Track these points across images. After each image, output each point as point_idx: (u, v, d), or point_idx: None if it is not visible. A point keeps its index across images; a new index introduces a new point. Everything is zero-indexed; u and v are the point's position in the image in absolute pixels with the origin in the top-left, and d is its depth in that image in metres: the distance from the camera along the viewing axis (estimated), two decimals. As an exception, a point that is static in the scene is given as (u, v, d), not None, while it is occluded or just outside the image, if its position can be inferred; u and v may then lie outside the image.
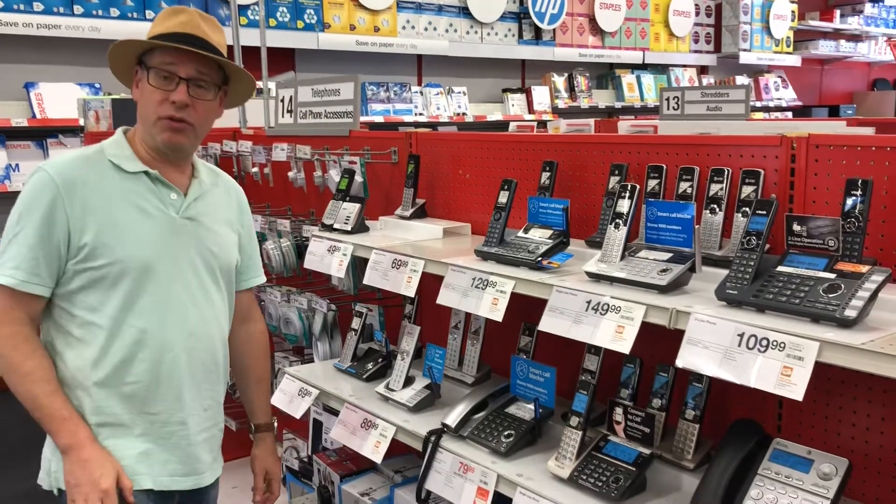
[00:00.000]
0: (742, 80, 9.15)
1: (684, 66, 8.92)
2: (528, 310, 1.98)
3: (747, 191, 1.83)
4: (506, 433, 1.98)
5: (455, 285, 2.01)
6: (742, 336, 1.45)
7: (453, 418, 2.07)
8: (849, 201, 1.54)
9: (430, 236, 2.50)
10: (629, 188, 1.83)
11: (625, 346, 1.60)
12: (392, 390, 2.33)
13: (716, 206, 1.88)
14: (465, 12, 7.00)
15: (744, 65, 9.28)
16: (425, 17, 6.79)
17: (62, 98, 5.14)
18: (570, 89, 7.98)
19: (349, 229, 2.56)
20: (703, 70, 9.28)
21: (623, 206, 1.82)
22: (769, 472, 1.55)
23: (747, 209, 1.80)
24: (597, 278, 1.78)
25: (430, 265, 2.13)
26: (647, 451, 1.79)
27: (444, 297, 2.03)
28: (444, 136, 2.88)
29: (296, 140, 3.22)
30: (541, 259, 1.91)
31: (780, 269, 1.55)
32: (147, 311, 1.82)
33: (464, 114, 7.11)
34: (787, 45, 9.62)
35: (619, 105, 8.29)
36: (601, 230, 2.10)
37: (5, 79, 5.16)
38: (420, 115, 6.82)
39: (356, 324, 2.67)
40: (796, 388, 1.36)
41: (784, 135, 1.82)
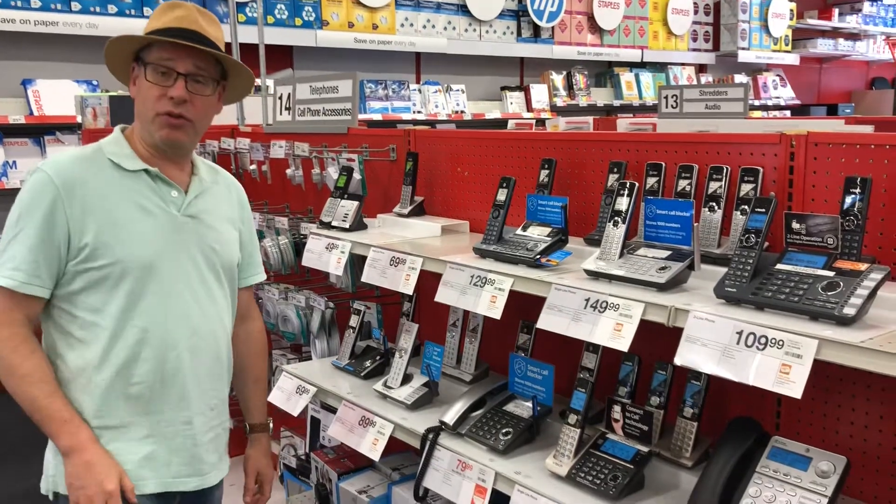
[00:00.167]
0: (740, 79, 9.15)
1: (683, 64, 8.92)
2: (526, 307, 1.97)
3: (746, 189, 1.83)
4: (504, 431, 1.97)
5: (453, 283, 2.01)
6: (741, 334, 1.45)
7: (451, 416, 2.07)
8: (848, 199, 1.54)
9: (429, 234, 2.50)
10: (628, 186, 1.82)
11: (623, 344, 1.60)
12: (390, 388, 2.33)
13: (715, 203, 1.88)
14: (463, 10, 6.99)
15: (742, 63, 9.27)
16: (424, 14, 6.78)
17: (60, 95, 5.12)
18: (569, 87, 7.98)
19: (347, 227, 2.55)
20: (701, 68, 9.28)
21: (622, 203, 1.82)
22: (767, 469, 1.55)
23: (746, 207, 1.80)
24: (595, 276, 1.78)
25: (429, 263, 2.13)
26: (645, 449, 1.79)
27: (442, 295, 2.03)
28: (443, 134, 2.88)
29: (294, 137, 3.22)
30: (539, 257, 1.91)
31: (779, 266, 1.55)
32: (150, 310, 1.80)
33: (462, 112, 7.10)
34: (786, 44, 9.62)
35: (617, 103, 8.28)
36: (600, 228, 2.09)
37: (2, 75, 5.15)
38: (418, 112, 6.81)
39: (354, 321, 2.67)
40: (795, 385, 1.36)
41: (783, 133, 1.82)
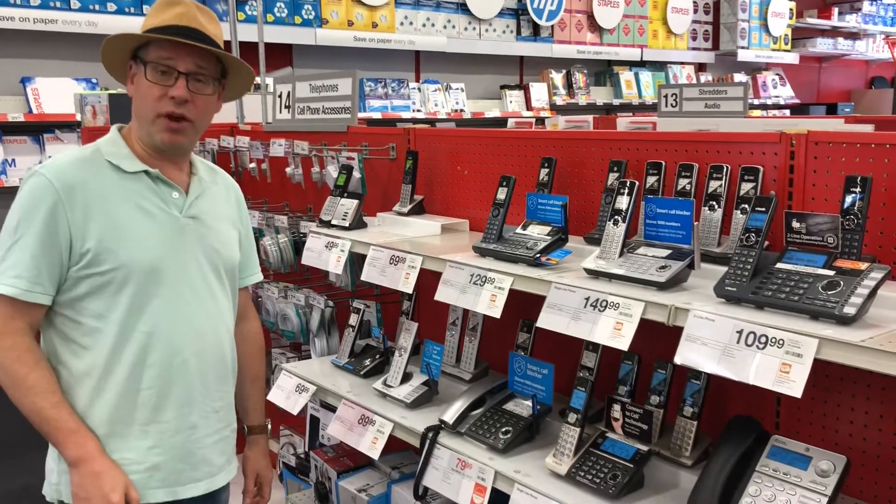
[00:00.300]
0: (740, 78, 9.14)
1: (682, 63, 8.91)
2: (526, 306, 1.97)
3: (746, 188, 1.82)
4: (503, 430, 1.97)
5: (453, 282, 2.01)
6: (741, 333, 1.44)
7: (451, 415, 2.07)
8: (848, 198, 1.54)
9: (429, 233, 2.49)
10: (628, 185, 1.82)
11: (623, 343, 1.60)
12: (390, 386, 2.33)
13: (715, 202, 1.88)
14: (463, 8, 6.98)
15: (742, 62, 9.26)
16: (423, 13, 6.78)
17: (59, 93, 5.11)
18: (568, 86, 7.97)
19: (347, 225, 2.55)
20: (700, 67, 9.27)
21: (622, 202, 1.81)
22: (767, 468, 1.55)
23: (746, 206, 1.80)
24: (595, 275, 1.78)
25: (428, 261, 2.13)
26: (644, 448, 1.79)
27: (442, 294, 2.02)
28: (443, 133, 2.87)
29: (293, 136, 3.21)
30: (539, 255, 1.91)
31: (779, 265, 1.55)
32: (155, 314, 1.76)
33: (461, 110, 7.09)
34: (785, 43, 9.61)
35: (616, 102, 8.28)
36: (600, 227, 2.09)
37: (1, 73, 5.13)
38: (418, 111, 6.80)
39: (354, 320, 2.67)
40: (795, 385, 1.36)
41: (783, 132, 1.82)
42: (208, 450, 1.87)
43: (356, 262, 2.74)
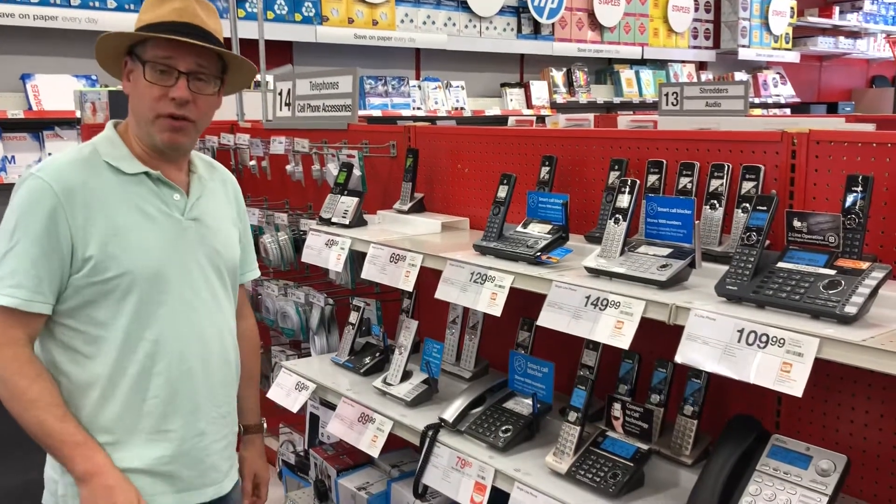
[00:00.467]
0: (741, 77, 9.14)
1: (683, 61, 8.91)
2: (526, 305, 1.97)
3: (747, 186, 1.82)
4: (504, 428, 1.97)
5: (453, 280, 2.00)
6: (742, 332, 1.44)
7: (451, 413, 2.06)
8: (849, 198, 1.54)
9: (429, 231, 2.49)
10: (629, 183, 1.82)
11: (624, 342, 1.60)
12: (389, 384, 2.33)
13: (716, 201, 1.88)
14: (463, 6, 6.97)
15: (742, 61, 9.26)
16: (424, 10, 6.77)
17: (59, 90, 5.11)
18: (569, 84, 7.97)
19: (347, 223, 2.55)
20: (701, 66, 9.27)
21: (623, 201, 1.81)
22: (767, 468, 1.55)
23: (747, 205, 1.79)
24: (596, 273, 1.78)
25: (429, 259, 2.13)
26: (645, 447, 1.78)
27: (442, 292, 2.02)
28: (443, 130, 2.87)
29: (294, 133, 3.21)
30: (540, 254, 1.91)
31: (781, 265, 1.55)
32: (160, 322, 1.71)
33: (462, 108, 7.09)
34: (786, 42, 9.61)
35: (617, 100, 8.27)
36: (601, 225, 2.09)
37: (1, 70, 5.13)
38: (418, 109, 6.80)
39: (354, 318, 2.66)
40: (796, 384, 1.35)
41: (785, 131, 1.81)
42: (216, 456, 1.84)
43: (356, 259, 2.74)
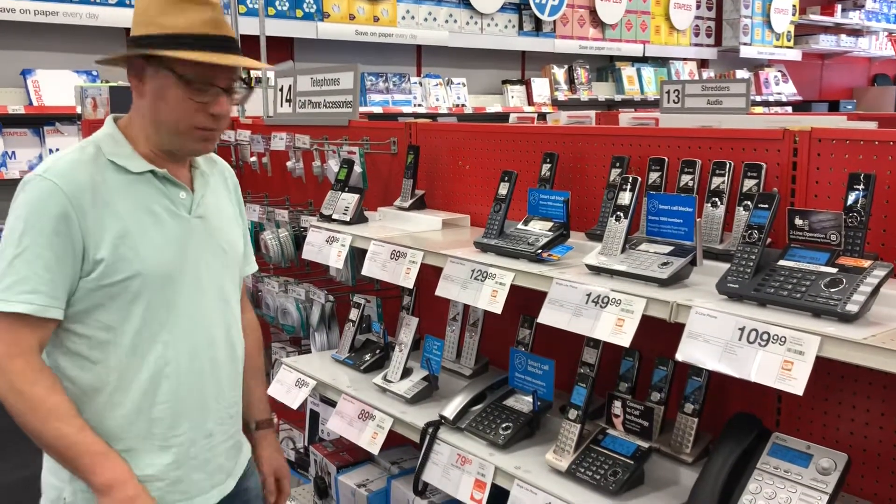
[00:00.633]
0: (742, 74, 9.13)
1: (684, 59, 8.90)
2: (527, 302, 1.97)
3: (749, 184, 1.82)
4: (504, 425, 1.97)
5: (454, 277, 2.00)
6: (743, 330, 1.44)
7: (451, 410, 2.06)
8: (851, 196, 1.53)
9: (429, 227, 2.49)
10: (630, 180, 1.82)
11: (625, 340, 1.59)
12: (390, 381, 2.33)
13: (717, 199, 1.87)
14: (465, 3, 6.97)
15: (744, 59, 9.25)
16: (425, 7, 6.76)
17: (59, 85, 5.11)
18: (570, 81, 7.96)
19: (348, 220, 2.54)
20: (703, 64, 9.26)
21: (624, 198, 1.81)
22: (768, 466, 1.55)
23: (749, 203, 1.79)
24: (597, 271, 1.77)
25: (429, 256, 2.12)
26: (645, 445, 1.78)
27: (442, 289, 2.02)
28: (444, 127, 2.86)
29: (294, 129, 3.21)
30: (541, 251, 1.91)
31: (782, 263, 1.54)
32: (170, 322, 1.68)
33: (463, 105, 7.09)
34: (788, 40, 9.60)
35: (618, 98, 8.27)
36: (602, 223, 2.09)
37: (2, 65, 5.13)
38: (419, 105, 6.80)
39: (354, 315, 2.66)
40: (797, 382, 1.35)
41: (786, 129, 1.81)
42: (223, 457, 1.84)
43: (357, 256, 2.73)
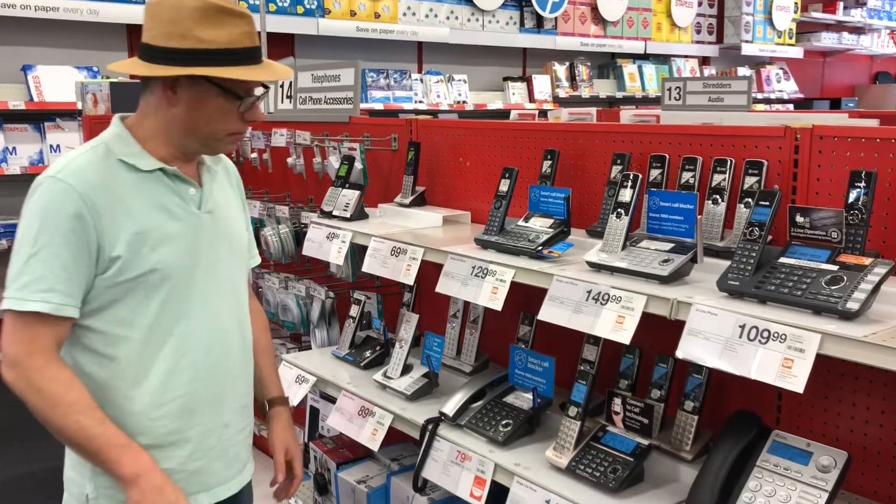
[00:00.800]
0: (744, 72, 9.11)
1: (686, 56, 8.88)
2: (527, 299, 1.97)
3: (750, 181, 1.82)
4: (504, 422, 1.97)
5: (454, 274, 2.00)
6: (743, 327, 1.44)
7: (451, 407, 2.06)
8: (852, 193, 1.53)
9: (430, 224, 2.49)
10: (631, 177, 1.81)
11: (625, 337, 1.59)
12: (390, 378, 2.33)
13: (718, 196, 1.87)
14: (466, -1, 6.96)
15: (746, 56, 9.23)
16: (426, 3, 6.75)
17: (60, 81, 5.10)
18: (572, 78, 7.95)
19: (348, 216, 2.54)
20: (704, 61, 9.24)
21: (625, 195, 1.81)
22: (768, 463, 1.55)
23: (750, 200, 1.79)
24: (598, 268, 1.77)
25: (430, 253, 2.12)
26: (645, 442, 1.78)
27: (443, 286, 2.02)
28: (445, 124, 2.86)
29: (295, 126, 3.20)
30: (541, 248, 1.90)
31: (783, 260, 1.54)
32: (184, 316, 1.70)
33: (464, 102, 7.07)
34: (790, 37, 9.58)
35: (620, 95, 8.25)
36: (602, 220, 2.08)
37: (3, 61, 5.12)
38: (420, 102, 6.78)
39: (354, 311, 2.66)
40: (797, 380, 1.35)
41: (788, 126, 1.80)
42: (239, 446, 1.85)
43: (357, 253, 2.73)
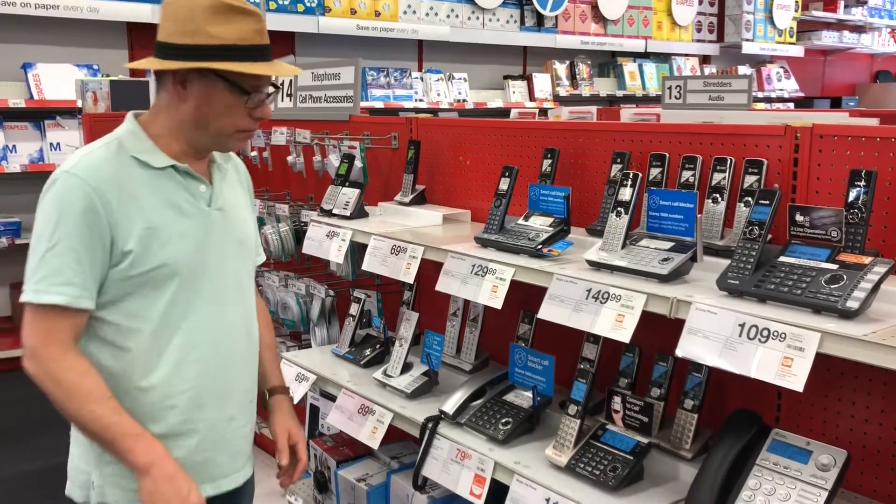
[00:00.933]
0: (744, 70, 9.11)
1: (686, 55, 8.88)
2: (527, 297, 1.97)
3: (750, 180, 1.82)
4: (503, 421, 1.97)
5: (454, 272, 2.00)
6: (743, 326, 1.44)
7: (451, 405, 2.06)
8: (852, 192, 1.53)
9: (430, 223, 2.49)
10: (631, 176, 1.81)
11: (625, 335, 1.59)
12: (390, 376, 2.33)
13: (718, 195, 1.87)
14: (466, -3, 6.95)
15: (746, 55, 9.22)
16: (427, 2, 6.74)
17: (60, 79, 5.10)
18: (572, 77, 7.94)
19: (348, 215, 2.54)
20: (705, 59, 9.24)
21: (625, 194, 1.81)
22: (767, 462, 1.55)
23: (750, 199, 1.79)
24: (597, 266, 1.77)
25: (430, 252, 2.12)
26: (644, 441, 1.78)
27: (443, 284, 2.02)
28: (445, 122, 2.86)
29: (295, 124, 3.20)
30: (541, 247, 1.90)
31: (783, 259, 1.54)
32: (193, 311, 1.74)
33: (464, 100, 7.07)
34: (790, 36, 9.57)
35: (620, 93, 8.25)
36: (602, 218, 2.08)
37: (3, 59, 5.12)
38: (420, 101, 6.78)
39: (354, 310, 2.66)
40: (796, 378, 1.35)
41: (788, 125, 1.80)
42: (243, 440, 1.88)
43: (357, 251, 2.73)
